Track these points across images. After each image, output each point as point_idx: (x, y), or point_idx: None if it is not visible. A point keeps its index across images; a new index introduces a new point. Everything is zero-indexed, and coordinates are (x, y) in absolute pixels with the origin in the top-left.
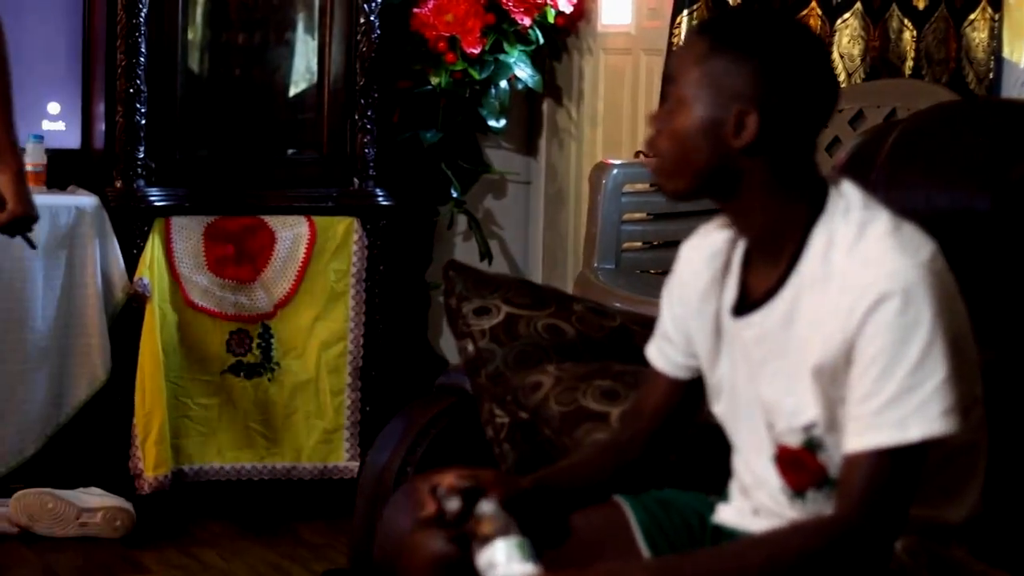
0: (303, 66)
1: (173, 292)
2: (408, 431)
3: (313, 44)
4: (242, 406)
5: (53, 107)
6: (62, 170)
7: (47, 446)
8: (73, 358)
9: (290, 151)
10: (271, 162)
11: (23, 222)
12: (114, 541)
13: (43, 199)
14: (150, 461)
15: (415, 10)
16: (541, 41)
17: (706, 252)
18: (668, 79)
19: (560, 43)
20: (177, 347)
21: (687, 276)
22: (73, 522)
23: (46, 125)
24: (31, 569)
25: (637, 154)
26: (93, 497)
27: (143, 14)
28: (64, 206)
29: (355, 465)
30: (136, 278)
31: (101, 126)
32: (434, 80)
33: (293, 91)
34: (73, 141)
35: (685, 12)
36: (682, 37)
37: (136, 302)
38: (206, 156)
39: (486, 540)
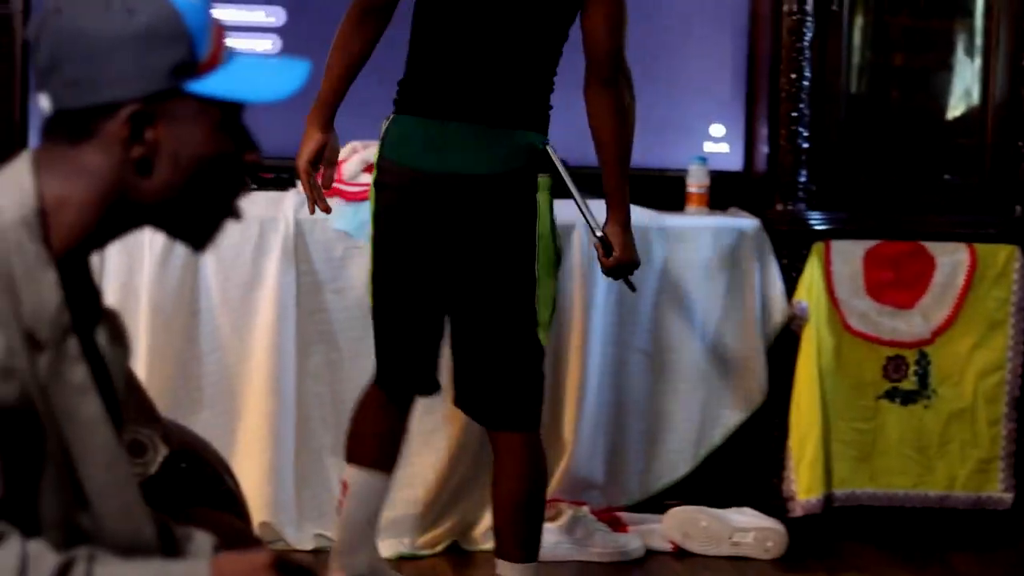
0: (962, 89)
1: (831, 316)
2: None
3: (974, 66)
4: (896, 432)
5: (717, 129)
6: (724, 192)
7: (701, 465)
8: (730, 379)
9: (946, 176)
10: (928, 187)
11: (626, 268)
12: (764, 562)
13: (705, 220)
14: (803, 484)
15: None
16: None
17: None
18: None
19: None
20: (833, 371)
21: None
22: (725, 541)
23: (710, 147)
24: None
25: None
26: (745, 517)
27: (808, 38)
28: (726, 228)
29: (1009, 496)
30: (795, 301)
31: (764, 149)
32: None
33: (951, 114)
34: (736, 163)
35: None
36: None
37: (794, 325)
38: (865, 180)
39: None
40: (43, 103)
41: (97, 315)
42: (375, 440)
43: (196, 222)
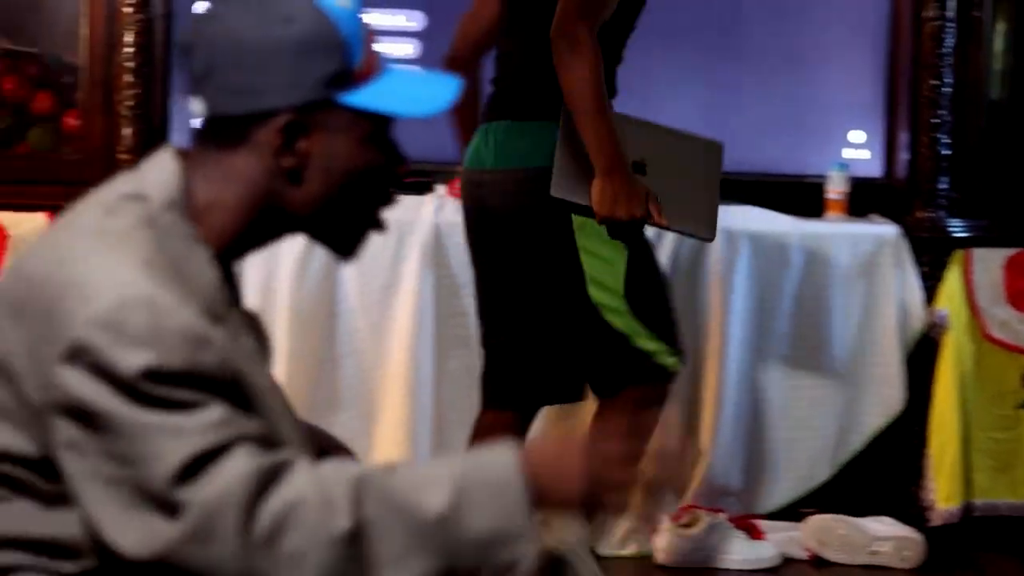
0: None
1: (970, 324)
2: None
3: None
4: None
5: (857, 136)
6: (864, 198)
7: (839, 473)
8: (868, 386)
9: None
10: None
11: (620, 224)
12: (902, 572)
13: (844, 227)
14: (942, 493)
15: None
16: None
17: None
18: None
19: None
20: (972, 379)
21: None
22: (863, 550)
23: (849, 153)
24: None
25: None
26: (884, 526)
27: (949, 43)
28: (865, 234)
29: None
30: (934, 308)
31: (904, 155)
32: None
33: None
34: (875, 170)
35: None
36: None
37: (933, 333)
38: (1007, 187)
39: None
40: (197, 108)
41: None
42: None
43: (342, 232)
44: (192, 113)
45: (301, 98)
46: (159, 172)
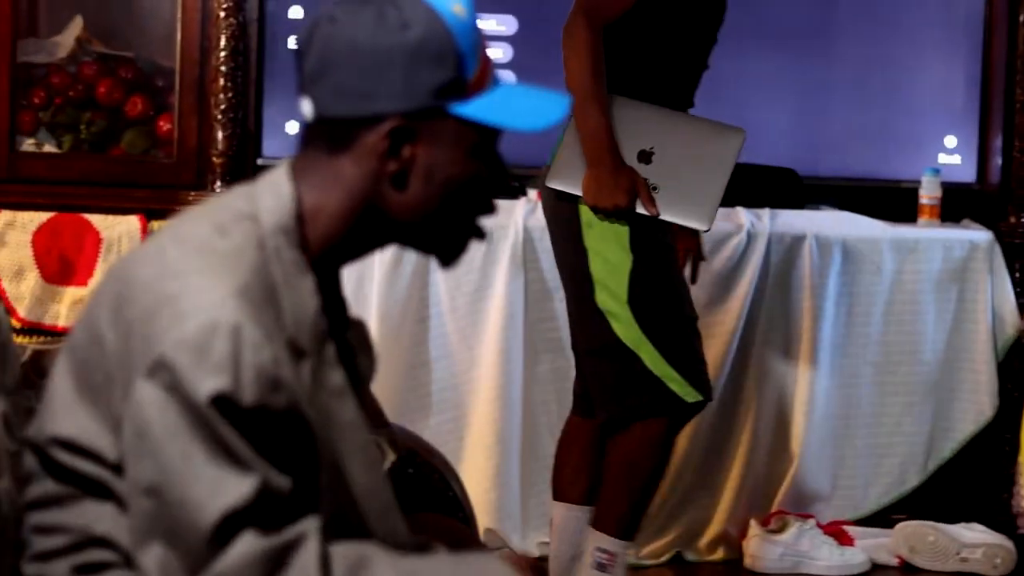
0: None
1: None
2: None
3: None
4: None
5: (950, 141)
6: (956, 204)
7: (930, 479)
8: (960, 392)
9: None
10: None
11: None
12: None
13: (937, 232)
14: None
15: None
16: None
17: None
18: None
19: None
20: None
21: None
22: (953, 557)
23: (943, 159)
24: None
25: None
26: (974, 533)
27: None
28: (957, 240)
29: None
30: None
31: (997, 160)
32: None
33: None
34: (968, 175)
35: None
36: None
37: None
38: None
39: None
40: (305, 108)
41: (345, 324)
42: (576, 472)
43: (443, 240)
44: (301, 113)
45: (412, 105)
46: (273, 195)
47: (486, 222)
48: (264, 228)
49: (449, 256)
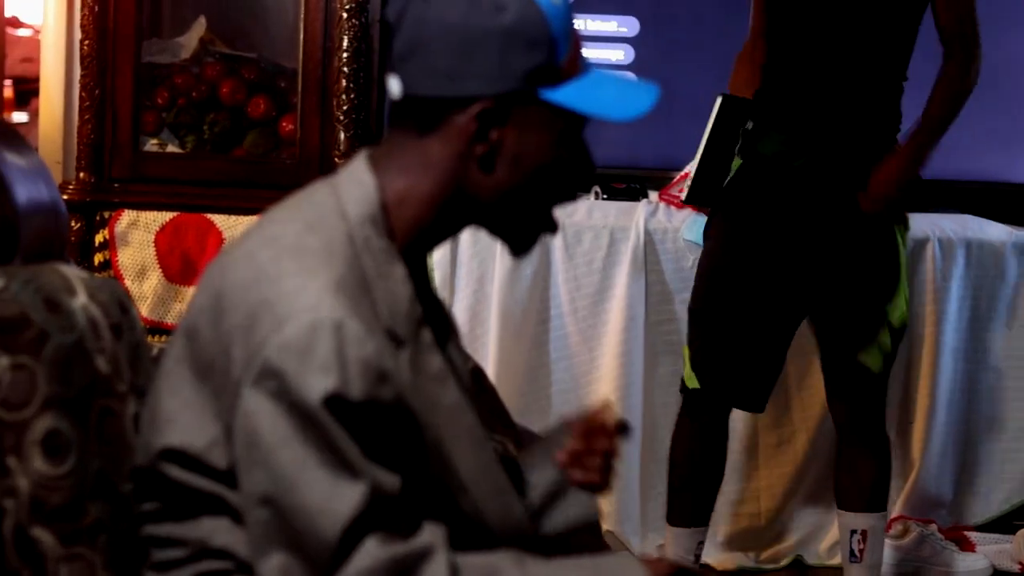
0: None
1: None
2: None
3: None
4: None
5: None
6: None
7: None
8: None
9: None
10: None
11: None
12: None
13: None
14: None
15: None
16: None
17: None
18: None
19: None
20: None
21: None
22: None
23: None
24: None
25: None
26: None
27: None
28: None
29: None
30: None
31: None
32: None
33: None
34: None
35: None
36: None
37: None
38: None
39: None
40: (393, 86)
41: (433, 310)
42: (690, 496)
43: (519, 228)
44: (389, 91)
45: (503, 88)
46: (357, 186)
47: (600, 220)
48: (351, 220)
49: (521, 246)
